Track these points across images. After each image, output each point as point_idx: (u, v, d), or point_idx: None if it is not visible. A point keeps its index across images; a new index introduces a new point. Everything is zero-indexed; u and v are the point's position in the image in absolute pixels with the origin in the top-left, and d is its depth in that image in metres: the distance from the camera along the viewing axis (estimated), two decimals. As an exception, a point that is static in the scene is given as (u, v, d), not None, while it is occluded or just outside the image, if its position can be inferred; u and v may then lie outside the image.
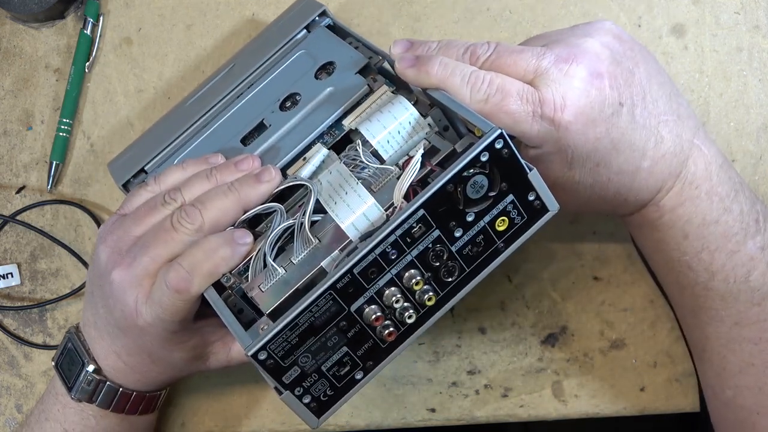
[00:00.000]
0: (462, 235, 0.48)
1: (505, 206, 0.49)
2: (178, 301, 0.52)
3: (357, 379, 0.50)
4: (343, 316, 0.48)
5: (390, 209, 0.50)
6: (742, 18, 0.68)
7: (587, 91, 0.51)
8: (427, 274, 0.49)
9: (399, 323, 0.49)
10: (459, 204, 0.48)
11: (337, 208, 0.51)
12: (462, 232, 0.48)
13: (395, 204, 0.50)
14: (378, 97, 0.56)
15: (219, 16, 0.70)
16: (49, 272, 0.70)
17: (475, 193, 0.48)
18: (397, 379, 0.67)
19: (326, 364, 0.49)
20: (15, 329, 0.69)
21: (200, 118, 0.62)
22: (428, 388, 0.67)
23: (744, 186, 0.56)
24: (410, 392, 0.67)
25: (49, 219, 0.70)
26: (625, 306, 0.67)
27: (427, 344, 0.67)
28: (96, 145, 0.70)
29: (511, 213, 0.49)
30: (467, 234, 0.48)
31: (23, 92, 0.71)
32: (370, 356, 0.49)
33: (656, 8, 0.68)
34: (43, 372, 0.69)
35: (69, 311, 0.69)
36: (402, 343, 0.50)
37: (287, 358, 0.48)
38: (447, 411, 0.67)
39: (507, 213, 0.49)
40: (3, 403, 0.69)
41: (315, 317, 0.47)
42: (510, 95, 0.51)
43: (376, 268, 0.47)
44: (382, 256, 0.47)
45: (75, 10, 0.71)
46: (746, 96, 0.67)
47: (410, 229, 0.47)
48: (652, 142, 0.53)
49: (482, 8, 0.69)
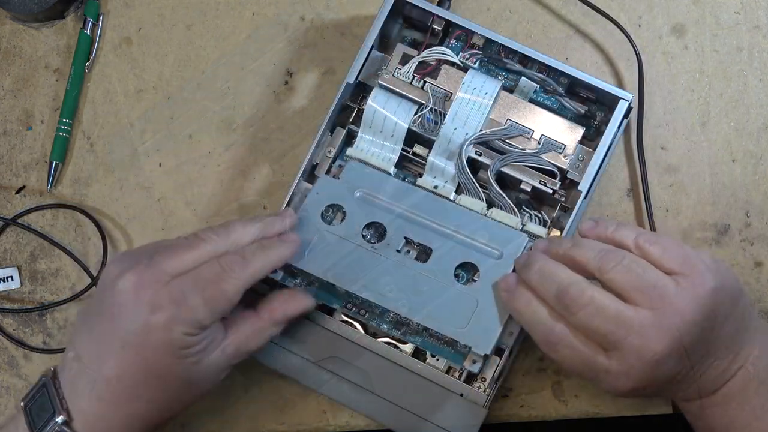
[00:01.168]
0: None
1: None
2: (227, 278, 0.54)
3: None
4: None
5: None
6: (742, 18, 0.68)
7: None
8: None
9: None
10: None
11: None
12: None
13: None
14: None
15: (219, 16, 0.70)
16: (49, 272, 0.69)
17: None
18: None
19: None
20: (15, 329, 0.69)
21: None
22: (428, 388, 0.67)
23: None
24: (410, 392, 0.67)
25: (49, 219, 0.70)
26: (626, 306, 0.67)
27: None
28: (96, 145, 0.70)
29: None
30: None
31: (23, 92, 0.71)
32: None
33: (656, 8, 0.68)
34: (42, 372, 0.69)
35: (69, 311, 0.69)
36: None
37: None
38: (447, 411, 0.67)
39: None
40: (3, 403, 0.69)
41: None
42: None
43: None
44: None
45: (75, 10, 0.71)
46: (746, 96, 0.67)
47: None
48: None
49: (482, 8, 0.69)
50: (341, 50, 0.69)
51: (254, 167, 0.69)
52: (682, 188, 0.67)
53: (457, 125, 0.62)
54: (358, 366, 0.61)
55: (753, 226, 0.66)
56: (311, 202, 0.62)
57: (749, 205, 0.66)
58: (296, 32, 0.70)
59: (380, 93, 0.63)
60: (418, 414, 0.60)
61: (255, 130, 0.69)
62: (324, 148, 0.64)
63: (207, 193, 0.69)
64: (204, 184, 0.69)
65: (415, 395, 0.60)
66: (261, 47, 0.70)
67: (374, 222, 0.61)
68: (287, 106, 0.69)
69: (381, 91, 0.63)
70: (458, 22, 0.62)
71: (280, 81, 0.69)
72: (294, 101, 0.69)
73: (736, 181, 0.67)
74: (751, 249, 0.66)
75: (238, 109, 0.69)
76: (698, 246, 0.66)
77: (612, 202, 0.67)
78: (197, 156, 0.69)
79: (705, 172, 0.67)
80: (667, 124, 0.67)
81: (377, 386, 0.61)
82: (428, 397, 0.60)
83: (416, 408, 0.60)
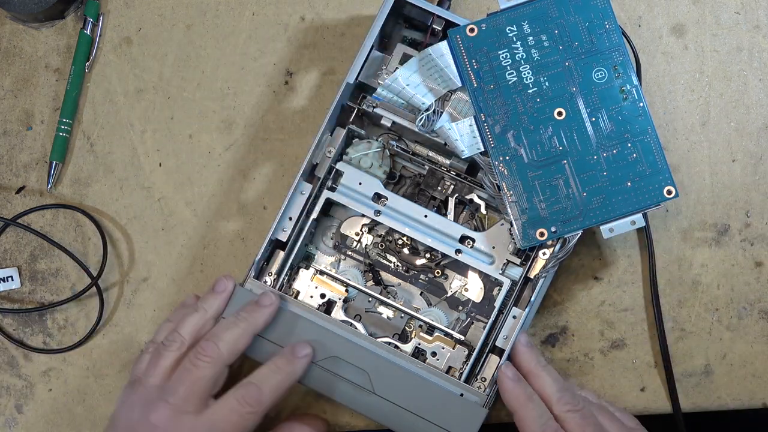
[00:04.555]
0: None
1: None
2: (247, 415, 0.57)
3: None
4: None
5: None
6: (742, 18, 0.68)
7: None
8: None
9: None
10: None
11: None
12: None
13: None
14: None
15: (219, 16, 0.70)
16: (49, 272, 0.69)
17: None
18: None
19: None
20: (15, 329, 0.69)
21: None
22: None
23: None
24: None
25: (49, 219, 0.70)
26: (625, 306, 0.67)
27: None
28: (96, 145, 0.70)
29: None
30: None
31: (23, 92, 0.71)
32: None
33: (656, 8, 0.68)
34: (42, 372, 0.69)
35: (69, 311, 0.69)
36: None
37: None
38: (447, 411, 0.67)
39: None
40: (3, 403, 0.69)
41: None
42: None
43: None
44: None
45: (75, 10, 0.71)
46: (746, 96, 0.67)
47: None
48: None
49: (482, 9, 0.69)
50: (341, 50, 0.69)
51: (254, 167, 0.69)
52: (682, 188, 0.67)
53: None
54: (358, 366, 0.61)
55: (753, 226, 0.66)
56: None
57: (749, 205, 0.66)
58: (296, 32, 0.70)
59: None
60: (418, 414, 0.60)
61: (255, 130, 0.69)
62: (324, 148, 0.64)
63: (207, 193, 0.69)
64: (204, 184, 0.69)
65: (415, 395, 0.60)
66: (261, 47, 0.70)
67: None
68: (287, 106, 0.69)
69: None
70: (458, 22, 0.62)
71: (280, 81, 0.69)
72: (294, 101, 0.69)
73: (736, 181, 0.67)
74: (751, 249, 0.66)
75: (238, 109, 0.69)
76: (698, 246, 0.66)
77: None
78: (197, 156, 0.69)
79: (705, 172, 0.67)
80: (667, 124, 0.67)
81: (377, 386, 0.61)
82: (428, 397, 0.60)
83: (416, 408, 0.60)
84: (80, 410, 0.69)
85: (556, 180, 0.60)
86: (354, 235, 0.66)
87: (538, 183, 0.60)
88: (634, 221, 0.60)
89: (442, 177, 0.65)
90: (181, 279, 0.69)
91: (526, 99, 0.60)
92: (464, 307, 0.65)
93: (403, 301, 0.65)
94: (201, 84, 0.70)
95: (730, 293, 0.66)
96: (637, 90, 0.60)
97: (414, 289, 0.66)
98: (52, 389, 0.69)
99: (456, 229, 0.63)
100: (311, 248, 0.66)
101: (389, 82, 0.62)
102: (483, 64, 0.60)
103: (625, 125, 0.60)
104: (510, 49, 0.60)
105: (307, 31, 0.70)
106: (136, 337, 0.69)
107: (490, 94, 0.61)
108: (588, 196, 0.60)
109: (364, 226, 0.66)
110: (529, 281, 0.63)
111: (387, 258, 0.66)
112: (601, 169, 0.60)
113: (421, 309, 0.65)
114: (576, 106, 0.60)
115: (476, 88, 0.61)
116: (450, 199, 0.65)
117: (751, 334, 0.66)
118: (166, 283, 0.69)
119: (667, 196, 0.59)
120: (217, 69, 0.70)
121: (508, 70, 0.60)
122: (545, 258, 0.61)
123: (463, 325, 0.65)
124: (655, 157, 0.60)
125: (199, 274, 0.69)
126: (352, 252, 0.66)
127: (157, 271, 0.69)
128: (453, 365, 0.63)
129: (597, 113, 0.60)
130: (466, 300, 0.65)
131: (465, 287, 0.65)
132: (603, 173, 0.60)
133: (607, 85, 0.60)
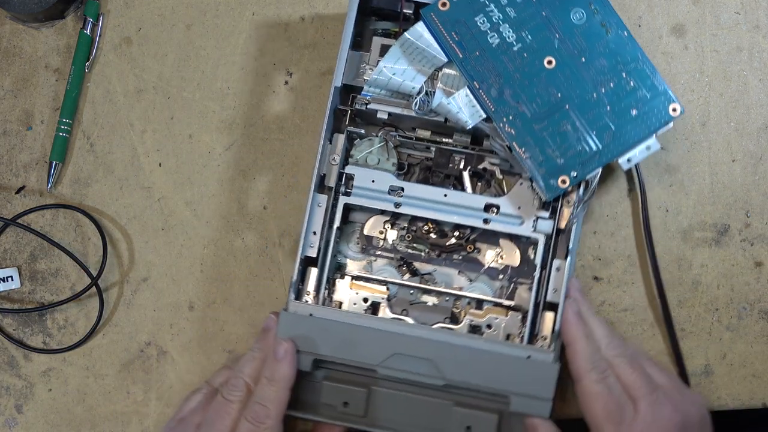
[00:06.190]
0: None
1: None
2: (266, 430, 0.59)
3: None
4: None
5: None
6: (742, 18, 0.68)
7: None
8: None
9: None
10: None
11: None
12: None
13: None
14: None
15: (219, 16, 0.70)
16: (49, 272, 0.69)
17: None
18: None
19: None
20: (15, 329, 0.69)
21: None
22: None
23: None
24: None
25: (49, 219, 0.70)
26: (625, 306, 0.67)
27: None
28: (96, 145, 0.70)
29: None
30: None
31: (23, 92, 0.71)
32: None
33: (656, 8, 0.68)
34: (42, 372, 0.69)
35: (69, 311, 0.69)
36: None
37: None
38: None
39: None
40: (3, 403, 0.69)
41: None
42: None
43: None
44: None
45: (75, 10, 0.71)
46: (746, 96, 0.67)
47: None
48: None
49: (482, 8, 0.69)
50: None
51: (254, 167, 0.69)
52: (682, 188, 0.67)
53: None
54: (421, 357, 0.61)
55: (753, 226, 0.66)
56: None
57: (749, 205, 0.66)
58: (296, 32, 0.70)
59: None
60: (492, 387, 0.60)
61: (255, 130, 0.69)
62: (328, 156, 0.64)
63: (207, 193, 0.69)
64: (204, 184, 0.69)
65: (485, 369, 0.60)
66: (261, 47, 0.70)
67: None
68: (287, 106, 0.69)
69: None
70: (427, 0, 0.62)
71: (280, 81, 0.69)
72: (294, 101, 0.69)
73: (736, 181, 0.67)
74: (751, 249, 0.66)
75: (238, 109, 0.69)
76: (698, 246, 0.66)
77: (611, 201, 0.67)
78: (197, 156, 0.69)
79: (705, 172, 0.67)
80: (667, 124, 0.67)
81: (446, 371, 0.60)
82: (497, 368, 0.60)
83: (489, 382, 0.60)
84: (80, 410, 0.69)
85: (563, 126, 0.61)
86: (378, 234, 0.66)
87: (547, 133, 0.61)
88: (649, 146, 0.61)
89: (450, 154, 0.65)
90: (181, 279, 0.69)
91: (513, 57, 0.61)
92: (504, 274, 0.66)
93: (444, 285, 0.66)
94: (201, 84, 0.70)
95: (730, 293, 0.66)
96: (617, 22, 0.61)
97: (451, 270, 0.66)
98: (52, 389, 0.69)
99: (478, 200, 0.63)
100: (340, 257, 0.66)
101: (375, 75, 0.62)
102: (463, 34, 0.61)
103: (614, 57, 0.61)
104: (485, 13, 0.61)
105: (307, 31, 0.70)
106: (136, 337, 0.69)
107: (477, 60, 0.61)
108: (598, 134, 0.61)
109: (386, 223, 0.66)
110: (561, 232, 0.63)
111: (416, 247, 0.66)
112: (604, 105, 0.61)
113: (463, 287, 0.65)
114: (563, 51, 0.61)
115: (462, 58, 0.61)
116: (464, 173, 0.65)
117: (751, 334, 0.66)
118: (166, 283, 0.69)
119: (673, 114, 0.61)
120: (217, 69, 0.70)
121: (489, 33, 0.61)
122: (571, 204, 0.62)
123: (508, 291, 0.65)
124: (651, 81, 0.61)
125: (199, 274, 0.69)
126: (381, 251, 0.66)
127: (157, 271, 0.69)
128: (511, 332, 0.64)
129: (584, 53, 0.61)
130: (505, 267, 0.66)
131: (500, 255, 0.65)
132: (606, 108, 0.61)
133: (587, 24, 0.61)
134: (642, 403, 0.58)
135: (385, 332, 0.61)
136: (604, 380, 0.59)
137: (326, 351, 0.61)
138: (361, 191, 0.64)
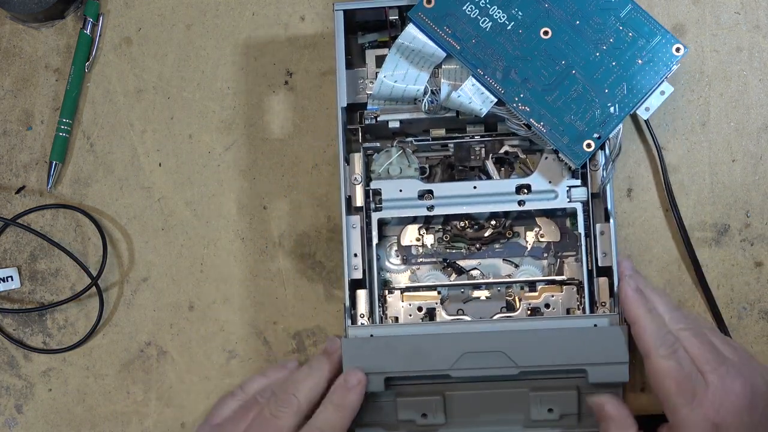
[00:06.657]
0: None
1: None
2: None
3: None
4: None
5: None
6: (742, 18, 0.68)
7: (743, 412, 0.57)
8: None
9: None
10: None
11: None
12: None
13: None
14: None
15: (219, 16, 0.70)
16: (49, 272, 0.69)
17: None
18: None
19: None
20: (15, 329, 0.69)
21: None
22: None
23: None
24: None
25: (49, 219, 0.70)
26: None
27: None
28: (96, 145, 0.70)
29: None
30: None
31: (23, 92, 0.71)
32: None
33: (656, 8, 0.68)
34: (42, 372, 0.69)
35: (69, 311, 0.69)
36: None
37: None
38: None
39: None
40: (3, 403, 0.69)
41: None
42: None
43: None
44: None
45: (75, 10, 0.71)
46: (746, 96, 0.67)
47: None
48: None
49: None
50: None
51: (254, 167, 0.69)
52: (682, 188, 0.67)
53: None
54: (491, 351, 0.60)
55: (753, 226, 0.66)
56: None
57: (749, 205, 0.66)
58: (296, 32, 0.70)
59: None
60: (567, 364, 0.60)
61: (255, 130, 0.69)
62: (349, 177, 0.64)
63: (207, 193, 0.69)
64: (204, 184, 0.69)
65: (555, 348, 0.60)
66: (261, 47, 0.70)
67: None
68: (287, 106, 0.69)
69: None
70: (411, 2, 0.62)
71: (280, 81, 0.69)
72: (294, 101, 0.69)
73: (736, 181, 0.67)
74: (751, 249, 0.66)
75: (238, 109, 0.69)
76: (698, 246, 0.66)
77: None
78: (197, 156, 0.69)
79: (705, 172, 0.67)
80: (667, 124, 0.67)
81: (518, 359, 0.60)
82: (567, 344, 0.60)
83: (562, 359, 0.60)
84: (80, 410, 0.69)
85: (575, 92, 0.61)
86: (415, 242, 0.67)
87: (561, 102, 0.61)
88: (663, 91, 0.62)
89: (469, 146, 0.65)
90: (181, 279, 0.69)
91: (509, 36, 0.62)
92: (548, 252, 0.66)
93: (492, 276, 0.66)
94: (201, 84, 0.70)
95: (730, 293, 0.66)
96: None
97: (495, 260, 0.66)
98: (52, 389, 0.69)
99: (508, 184, 0.64)
100: (383, 273, 0.66)
101: (377, 88, 0.62)
102: (455, 25, 0.62)
103: (607, 13, 0.61)
104: (471, 1, 0.61)
105: (307, 31, 0.70)
106: (136, 337, 0.69)
107: (475, 48, 0.62)
108: (610, 91, 0.61)
109: (420, 229, 0.66)
110: (595, 197, 0.63)
111: (456, 246, 0.66)
112: (609, 62, 0.61)
113: (511, 274, 0.66)
114: (556, 19, 0.61)
115: (461, 49, 0.62)
116: (487, 162, 0.65)
117: (751, 334, 0.66)
118: (166, 283, 0.69)
119: (677, 54, 0.61)
120: (217, 69, 0.70)
121: (480, 19, 0.61)
122: (599, 167, 0.63)
123: (556, 267, 0.66)
124: (648, 27, 0.61)
125: (199, 274, 0.69)
126: (422, 258, 0.67)
127: (157, 271, 0.69)
128: (570, 306, 0.64)
129: (577, 16, 0.61)
130: (547, 244, 0.66)
131: (540, 234, 0.66)
132: (612, 64, 0.61)
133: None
134: (711, 376, 0.57)
135: (450, 335, 0.61)
136: (673, 355, 0.58)
137: (396, 367, 0.61)
138: (391, 203, 0.64)
